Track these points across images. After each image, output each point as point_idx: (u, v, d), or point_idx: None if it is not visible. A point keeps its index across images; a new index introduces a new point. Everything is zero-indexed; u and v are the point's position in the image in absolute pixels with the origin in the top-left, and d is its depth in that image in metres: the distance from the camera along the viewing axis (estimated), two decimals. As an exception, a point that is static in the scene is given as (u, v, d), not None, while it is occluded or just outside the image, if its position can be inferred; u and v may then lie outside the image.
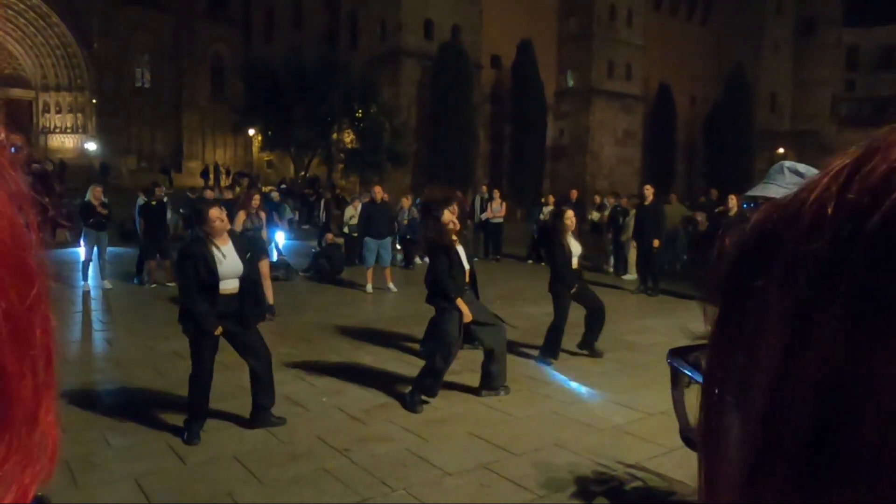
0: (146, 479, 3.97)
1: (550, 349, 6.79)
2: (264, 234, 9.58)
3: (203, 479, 4.03)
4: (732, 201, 10.52)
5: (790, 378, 0.25)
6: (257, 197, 10.12)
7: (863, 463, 0.23)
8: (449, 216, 5.64)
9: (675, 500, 3.92)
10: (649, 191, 11.54)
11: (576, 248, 6.74)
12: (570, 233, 6.72)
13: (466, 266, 5.68)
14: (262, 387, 4.87)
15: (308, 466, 4.22)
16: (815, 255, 0.25)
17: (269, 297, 8.58)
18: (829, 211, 0.26)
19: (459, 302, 5.47)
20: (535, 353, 6.95)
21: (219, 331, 4.59)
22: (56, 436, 0.31)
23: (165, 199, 13.14)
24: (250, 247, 8.02)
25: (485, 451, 4.51)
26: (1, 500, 0.27)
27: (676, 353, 0.47)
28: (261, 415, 4.88)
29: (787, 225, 0.27)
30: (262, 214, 9.63)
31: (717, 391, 0.30)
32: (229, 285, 4.71)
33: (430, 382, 5.42)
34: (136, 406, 5.27)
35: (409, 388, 5.52)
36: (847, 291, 0.24)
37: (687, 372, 0.45)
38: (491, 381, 5.67)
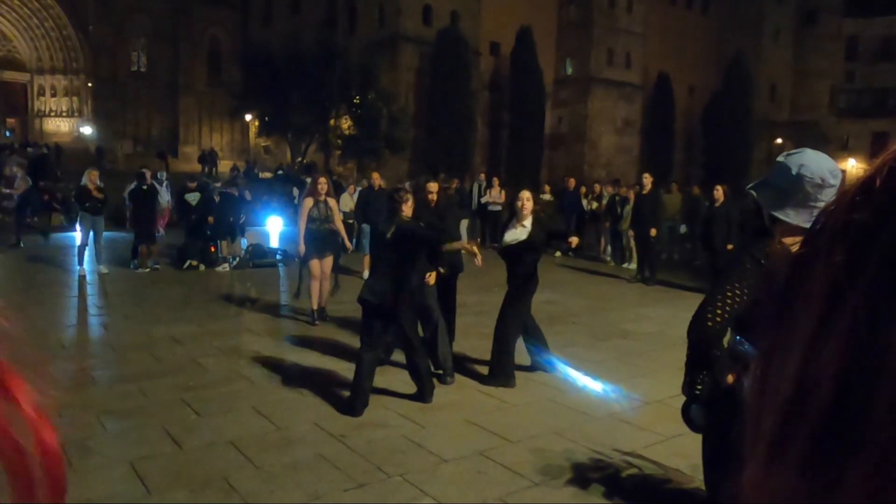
0: (142, 463, 3.97)
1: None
2: (338, 221, 7.88)
3: (199, 463, 4.03)
4: (718, 192, 10.37)
5: (819, 347, 0.25)
6: (324, 181, 8.14)
7: (876, 433, 0.23)
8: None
9: (670, 488, 3.93)
10: (648, 180, 11.52)
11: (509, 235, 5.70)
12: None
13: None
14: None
15: (304, 452, 4.22)
16: (856, 224, 0.25)
17: (324, 294, 7.88)
18: (878, 183, 0.26)
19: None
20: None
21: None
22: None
23: (165, 184, 13.04)
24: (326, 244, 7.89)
25: (481, 438, 4.51)
26: None
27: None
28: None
29: (840, 198, 0.28)
30: (332, 202, 7.89)
31: (765, 356, 0.30)
32: None
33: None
34: (132, 391, 5.27)
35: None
36: (877, 262, 0.24)
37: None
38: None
